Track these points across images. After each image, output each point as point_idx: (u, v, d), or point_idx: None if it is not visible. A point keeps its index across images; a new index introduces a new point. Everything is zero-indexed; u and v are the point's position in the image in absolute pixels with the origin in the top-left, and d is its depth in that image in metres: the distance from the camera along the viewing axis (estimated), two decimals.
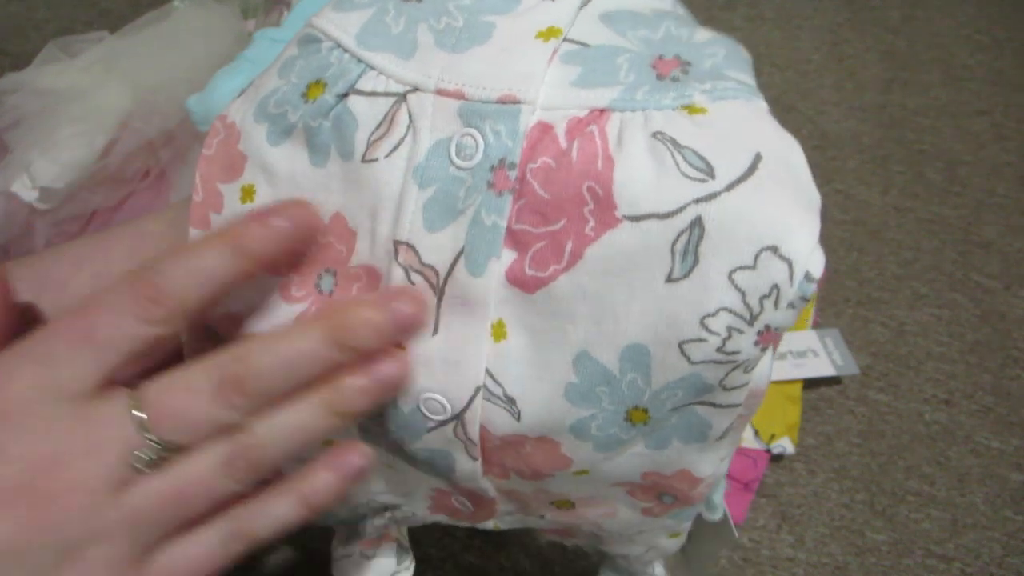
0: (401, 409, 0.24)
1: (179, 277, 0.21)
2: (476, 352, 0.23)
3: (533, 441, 0.25)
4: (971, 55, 0.83)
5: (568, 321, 0.22)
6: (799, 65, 0.81)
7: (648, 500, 0.28)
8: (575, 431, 0.24)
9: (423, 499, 0.31)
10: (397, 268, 0.23)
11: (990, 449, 0.55)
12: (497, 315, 0.23)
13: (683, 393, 0.23)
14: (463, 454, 0.25)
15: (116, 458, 0.21)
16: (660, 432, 0.24)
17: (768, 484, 0.52)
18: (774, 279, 0.20)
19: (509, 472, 0.26)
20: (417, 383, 0.24)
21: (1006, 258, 0.65)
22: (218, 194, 0.25)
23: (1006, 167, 0.72)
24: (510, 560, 0.48)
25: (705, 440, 0.25)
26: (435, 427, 0.24)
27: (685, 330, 0.21)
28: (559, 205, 0.22)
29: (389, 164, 0.23)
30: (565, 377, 0.23)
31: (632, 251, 0.21)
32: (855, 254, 0.65)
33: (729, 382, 0.23)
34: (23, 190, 0.51)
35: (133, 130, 0.53)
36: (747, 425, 0.55)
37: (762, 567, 0.49)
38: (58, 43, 0.58)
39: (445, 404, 0.24)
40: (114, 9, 0.81)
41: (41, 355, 0.21)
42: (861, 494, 0.52)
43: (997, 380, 0.58)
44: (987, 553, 0.50)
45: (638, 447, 0.25)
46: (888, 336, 0.60)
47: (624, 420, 0.23)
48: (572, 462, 0.25)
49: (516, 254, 0.22)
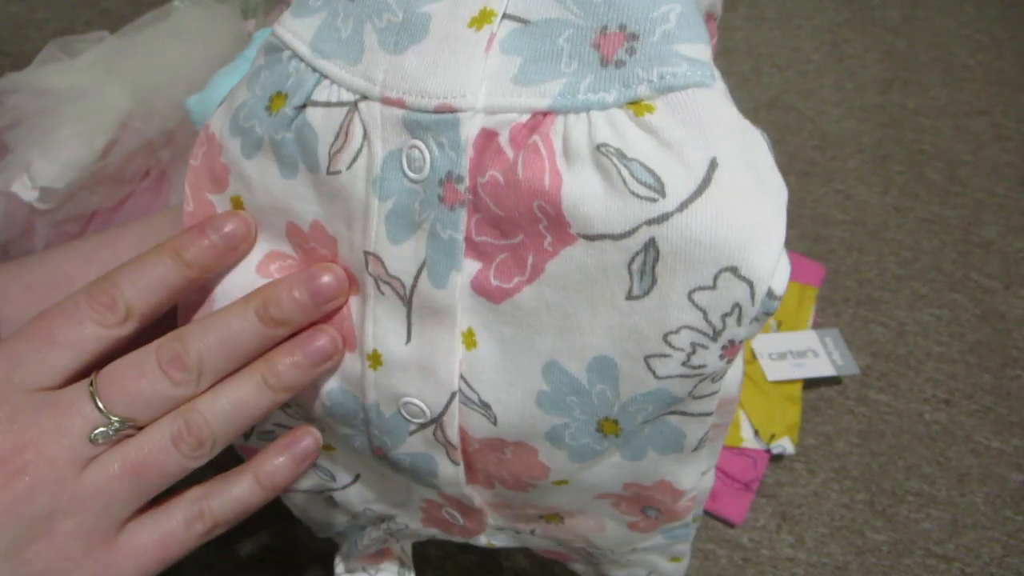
0: (384, 414, 0.25)
1: (129, 285, 0.24)
2: (448, 360, 0.23)
3: (512, 446, 0.25)
4: (971, 55, 0.83)
5: (535, 332, 0.22)
6: (799, 65, 0.81)
7: (633, 514, 0.28)
8: (550, 438, 0.24)
9: (415, 511, 0.31)
10: (368, 277, 0.23)
11: (990, 449, 0.55)
12: (467, 324, 0.23)
13: (653, 407, 0.23)
14: (444, 458, 0.25)
15: (78, 436, 0.23)
16: (635, 443, 0.24)
17: (768, 484, 0.52)
18: (735, 299, 0.20)
19: (493, 482, 0.27)
20: (397, 388, 0.24)
21: (1006, 258, 0.65)
22: (209, 204, 0.26)
23: (1006, 167, 0.72)
24: (510, 560, 0.48)
25: (681, 451, 0.25)
26: (416, 430, 0.25)
27: (649, 345, 0.21)
28: (514, 221, 0.21)
29: (351, 176, 0.23)
30: (536, 385, 0.23)
31: (590, 268, 0.21)
32: (855, 254, 0.65)
33: (698, 392, 0.23)
34: (23, 190, 0.51)
35: (133, 130, 0.53)
36: (740, 429, 0.55)
37: (762, 567, 0.49)
38: (58, 43, 0.58)
39: (424, 408, 0.24)
40: (114, 9, 0.81)
41: (8, 355, 0.23)
42: (861, 494, 0.52)
43: (997, 380, 0.58)
44: (987, 553, 0.50)
45: (614, 458, 0.25)
46: (888, 336, 0.60)
47: (596, 431, 0.23)
48: (550, 471, 0.25)
49: (481, 264, 0.22)
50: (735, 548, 0.50)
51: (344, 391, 0.26)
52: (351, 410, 0.26)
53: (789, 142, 0.73)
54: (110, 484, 0.23)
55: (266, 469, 0.26)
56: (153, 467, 0.24)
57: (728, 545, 0.50)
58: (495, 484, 0.27)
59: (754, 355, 0.56)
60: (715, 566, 0.49)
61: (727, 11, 0.88)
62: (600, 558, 0.32)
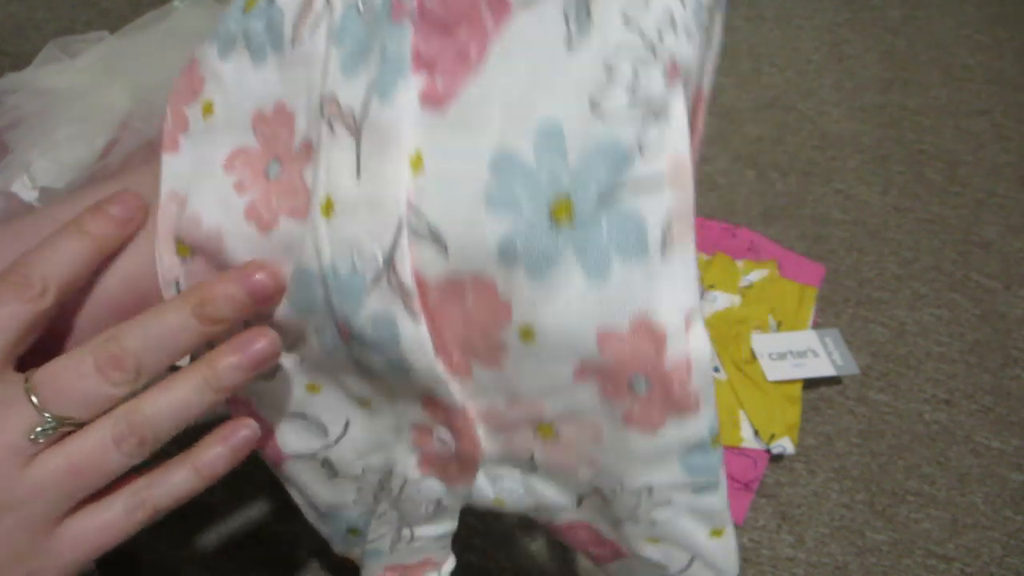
0: (340, 273, 0.25)
1: (40, 260, 0.25)
2: (395, 186, 0.24)
3: (470, 287, 0.24)
4: (971, 55, 0.83)
5: (483, 127, 0.23)
6: (799, 65, 0.81)
7: (621, 396, 0.25)
8: (503, 255, 0.23)
9: (409, 448, 0.30)
10: (324, 125, 0.24)
11: (990, 449, 0.55)
12: (414, 146, 0.24)
13: (604, 168, 0.22)
14: (404, 314, 0.25)
15: (18, 435, 0.24)
16: (594, 247, 0.23)
17: (768, 484, 0.52)
18: (667, 6, 0.22)
19: (469, 361, 0.26)
20: (348, 233, 0.24)
21: (1006, 258, 0.65)
22: (184, 116, 0.28)
23: (1006, 167, 0.72)
24: (510, 560, 0.48)
25: (646, 251, 0.23)
26: (371, 283, 0.25)
27: (592, 84, 0.22)
28: (456, 13, 0.23)
29: (312, 39, 0.25)
30: (483, 187, 0.23)
31: (529, 34, 0.23)
32: (855, 254, 0.65)
33: (646, 142, 0.22)
34: (23, 190, 0.51)
35: (133, 130, 0.53)
36: (740, 429, 0.55)
37: (762, 567, 0.49)
38: (58, 43, 0.58)
39: (374, 249, 0.24)
40: (114, 9, 0.81)
41: None
42: (861, 494, 0.52)
43: (997, 380, 0.58)
44: (987, 553, 0.50)
45: (576, 281, 0.23)
46: (888, 336, 0.60)
47: (549, 222, 0.23)
48: (511, 309, 0.24)
49: (426, 75, 0.24)
50: None
51: (301, 273, 0.26)
52: (310, 291, 0.26)
53: (789, 142, 0.73)
54: (52, 481, 0.24)
55: (204, 460, 0.27)
56: (94, 466, 0.25)
57: None
58: (471, 365, 0.26)
59: (754, 355, 0.56)
60: None
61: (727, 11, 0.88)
62: (619, 510, 0.29)
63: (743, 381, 0.55)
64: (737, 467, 0.52)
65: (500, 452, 0.29)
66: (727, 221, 0.66)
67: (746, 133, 0.74)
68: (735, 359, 0.56)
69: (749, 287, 0.60)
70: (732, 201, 0.69)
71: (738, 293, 0.60)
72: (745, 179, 0.70)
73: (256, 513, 0.49)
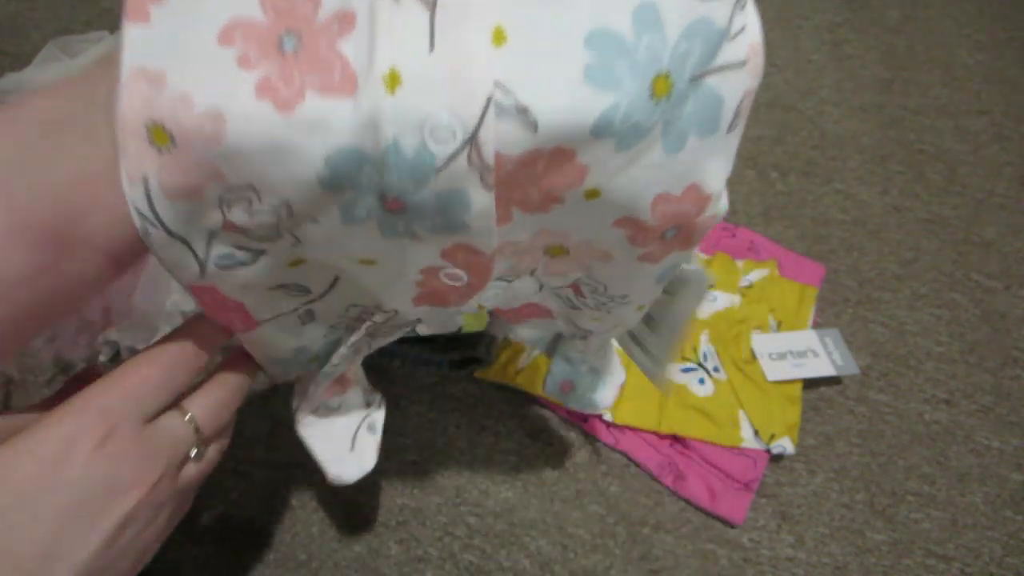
0: (404, 152, 0.23)
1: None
2: (479, 61, 0.22)
3: (547, 157, 0.23)
4: (971, 55, 0.83)
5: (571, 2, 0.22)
6: (799, 65, 0.81)
7: (648, 243, 0.27)
8: (597, 129, 0.22)
9: (409, 287, 0.29)
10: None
11: (990, 449, 0.55)
12: (495, 18, 0.22)
13: (699, 47, 0.23)
14: (478, 186, 0.24)
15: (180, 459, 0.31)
16: (677, 123, 0.24)
17: (768, 484, 0.52)
18: None
19: (511, 210, 0.25)
20: (421, 108, 0.22)
21: (1006, 258, 0.65)
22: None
23: (1006, 167, 0.72)
24: (510, 560, 0.48)
25: (717, 128, 0.24)
26: (445, 164, 0.23)
27: None
28: None
29: None
30: (580, 61, 0.22)
31: None
32: (855, 254, 0.65)
33: (734, 26, 0.23)
34: None
35: None
36: (740, 429, 0.55)
37: (762, 567, 0.49)
38: (58, 43, 0.58)
39: (454, 127, 0.22)
40: (114, 9, 0.80)
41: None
42: (861, 494, 0.52)
43: (997, 380, 0.58)
44: (987, 553, 0.50)
45: (655, 153, 0.24)
46: (888, 336, 0.60)
47: (648, 97, 0.22)
48: (587, 172, 0.24)
49: None
50: (735, 548, 0.50)
51: (342, 150, 0.23)
52: (352, 168, 0.24)
53: (789, 142, 0.73)
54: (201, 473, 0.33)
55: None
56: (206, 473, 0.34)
57: (728, 545, 0.50)
58: (513, 213, 0.25)
59: (754, 355, 0.56)
60: (715, 566, 0.49)
61: None
62: (582, 304, 0.31)
63: (743, 381, 0.55)
64: (737, 467, 0.52)
65: (504, 272, 0.30)
66: (727, 221, 0.66)
67: (746, 133, 0.74)
68: (735, 359, 0.56)
69: (749, 287, 0.60)
70: (732, 201, 0.68)
71: (738, 293, 0.60)
72: (745, 179, 0.70)
73: (256, 513, 0.49)
